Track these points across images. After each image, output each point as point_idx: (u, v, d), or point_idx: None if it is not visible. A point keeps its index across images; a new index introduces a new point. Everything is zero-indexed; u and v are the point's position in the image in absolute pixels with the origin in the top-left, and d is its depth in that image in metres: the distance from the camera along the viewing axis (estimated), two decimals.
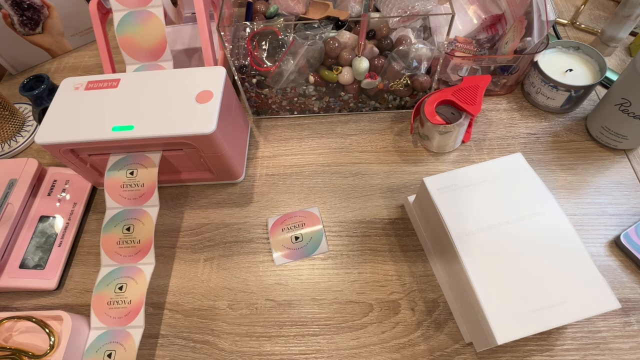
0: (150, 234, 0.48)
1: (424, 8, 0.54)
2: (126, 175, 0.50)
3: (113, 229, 0.49)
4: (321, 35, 0.53)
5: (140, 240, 0.48)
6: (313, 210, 0.54)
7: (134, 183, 0.50)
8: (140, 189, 0.50)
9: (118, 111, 0.48)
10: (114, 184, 0.50)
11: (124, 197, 0.50)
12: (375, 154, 0.59)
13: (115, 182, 0.50)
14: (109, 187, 0.50)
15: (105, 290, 0.46)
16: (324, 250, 0.51)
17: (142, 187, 0.50)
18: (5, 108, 0.64)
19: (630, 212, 0.51)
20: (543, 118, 0.61)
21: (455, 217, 0.42)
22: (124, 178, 0.50)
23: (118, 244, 0.48)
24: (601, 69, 0.57)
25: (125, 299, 0.46)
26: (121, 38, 0.55)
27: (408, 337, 0.45)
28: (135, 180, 0.50)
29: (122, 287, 0.46)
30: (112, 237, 0.48)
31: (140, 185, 0.50)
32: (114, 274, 0.47)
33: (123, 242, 0.48)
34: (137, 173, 0.50)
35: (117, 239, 0.48)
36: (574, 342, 0.44)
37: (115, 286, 0.46)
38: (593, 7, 0.75)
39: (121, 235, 0.48)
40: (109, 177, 0.50)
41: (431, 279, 0.49)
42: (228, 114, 0.51)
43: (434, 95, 0.55)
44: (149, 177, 0.50)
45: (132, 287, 0.46)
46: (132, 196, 0.50)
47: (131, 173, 0.50)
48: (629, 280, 0.47)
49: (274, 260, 0.51)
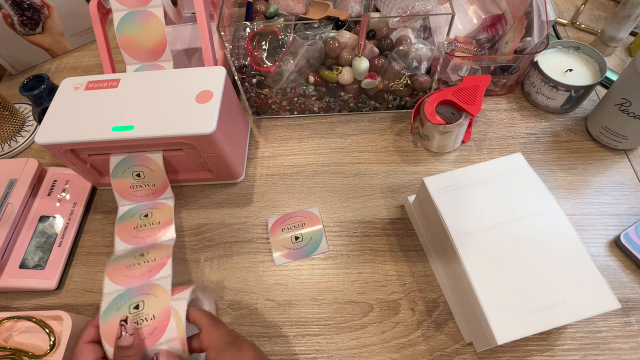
0: (170, 217, 0.49)
1: (424, 8, 0.54)
2: (133, 178, 0.50)
3: (129, 219, 0.49)
4: (321, 35, 0.53)
5: (159, 221, 0.49)
6: (313, 210, 0.54)
7: (144, 184, 0.51)
8: (152, 188, 0.51)
9: (118, 111, 0.48)
10: (123, 186, 0.51)
11: (137, 195, 0.51)
12: (375, 154, 0.59)
13: (124, 184, 0.51)
14: (118, 189, 0.51)
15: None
16: (324, 250, 0.51)
17: (153, 187, 0.51)
18: (5, 108, 0.64)
19: (630, 212, 0.51)
20: (543, 118, 0.61)
21: (455, 217, 0.42)
22: (132, 180, 0.50)
23: (135, 228, 0.48)
24: (601, 69, 0.57)
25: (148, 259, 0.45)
26: (121, 38, 0.55)
27: (408, 337, 0.45)
28: (145, 182, 0.51)
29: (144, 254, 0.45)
30: (129, 224, 0.49)
31: (151, 185, 0.51)
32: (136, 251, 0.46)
33: (141, 226, 0.49)
34: (144, 175, 0.50)
35: (135, 224, 0.49)
36: (574, 342, 0.44)
37: (138, 256, 0.45)
38: (593, 7, 0.75)
39: (139, 221, 0.49)
40: (115, 179, 0.51)
41: (431, 279, 0.49)
42: (228, 114, 0.51)
43: (434, 95, 0.55)
44: (159, 177, 0.51)
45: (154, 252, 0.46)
46: (145, 194, 0.51)
47: (137, 175, 0.50)
48: (629, 280, 0.47)
49: (274, 260, 0.51)
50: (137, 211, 0.50)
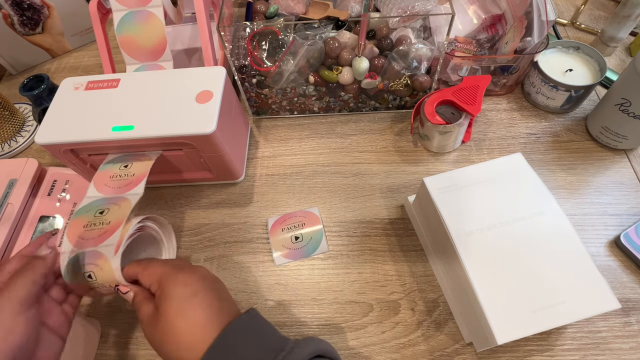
0: (123, 217, 0.41)
1: (424, 8, 0.54)
2: (119, 168, 0.48)
3: (84, 214, 0.43)
4: (321, 35, 0.53)
5: (110, 222, 0.41)
6: (313, 210, 0.54)
7: (125, 174, 0.47)
8: (129, 179, 0.46)
9: (118, 111, 0.48)
10: (103, 175, 0.47)
11: (109, 186, 0.46)
12: (375, 154, 0.59)
13: (105, 173, 0.47)
14: (97, 178, 0.47)
15: None
16: (324, 250, 0.51)
17: (132, 177, 0.46)
18: (5, 108, 0.64)
19: (630, 212, 0.51)
20: (543, 118, 0.61)
21: (455, 217, 0.42)
22: (117, 170, 0.47)
23: (85, 227, 0.41)
24: (601, 69, 0.57)
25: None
26: (121, 38, 0.55)
27: (408, 337, 0.45)
28: (127, 172, 0.47)
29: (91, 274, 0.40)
30: (79, 221, 0.42)
31: (130, 175, 0.47)
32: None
33: (91, 224, 0.42)
34: (131, 166, 0.48)
35: (86, 221, 0.42)
36: (574, 342, 0.44)
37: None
38: (593, 7, 0.75)
39: (91, 218, 0.42)
40: (102, 170, 0.48)
41: (431, 279, 0.49)
42: (228, 114, 0.51)
43: (434, 95, 0.55)
44: (142, 168, 0.47)
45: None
46: (118, 185, 0.46)
47: (125, 166, 0.48)
48: (629, 280, 0.47)
49: (274, 260, 0.51)
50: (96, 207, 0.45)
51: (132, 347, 0.47)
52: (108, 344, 0.47)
